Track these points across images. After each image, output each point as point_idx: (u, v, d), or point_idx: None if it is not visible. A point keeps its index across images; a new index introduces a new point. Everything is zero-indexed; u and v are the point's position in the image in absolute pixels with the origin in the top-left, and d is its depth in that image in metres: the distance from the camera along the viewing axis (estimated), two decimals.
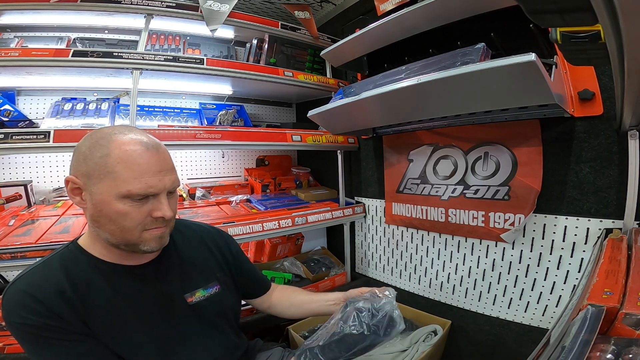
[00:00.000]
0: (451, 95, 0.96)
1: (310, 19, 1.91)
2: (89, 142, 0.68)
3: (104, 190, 0.65)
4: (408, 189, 1.61)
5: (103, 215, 0.67)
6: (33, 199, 1.55)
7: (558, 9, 0.33)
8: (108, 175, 0.65)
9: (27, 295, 0.62)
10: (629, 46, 0.37)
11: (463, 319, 1.45)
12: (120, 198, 0.65)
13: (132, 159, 0.66)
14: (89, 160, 0.66)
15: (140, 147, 0.67)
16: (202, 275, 0.85)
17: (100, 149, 0.66)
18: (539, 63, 0.73)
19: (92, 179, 0.66)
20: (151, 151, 0.68)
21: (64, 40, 1.67)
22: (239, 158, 2.27)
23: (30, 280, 0.66)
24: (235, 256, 0.96)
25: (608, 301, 0.51)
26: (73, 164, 0.69)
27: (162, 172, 0.69)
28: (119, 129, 0.70)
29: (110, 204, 0.65)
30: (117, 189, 0.65)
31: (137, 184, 0.65)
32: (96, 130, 0.71)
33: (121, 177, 0.65)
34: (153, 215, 0.69)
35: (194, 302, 0.80)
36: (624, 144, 0.97)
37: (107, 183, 0.65)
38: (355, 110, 1.26)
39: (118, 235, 0.68)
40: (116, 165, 0.65)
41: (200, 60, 1.45)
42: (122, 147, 0.66)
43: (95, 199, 0.66)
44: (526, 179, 1.21)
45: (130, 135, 0.68)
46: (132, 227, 0.68)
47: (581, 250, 1.10)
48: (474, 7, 1.09)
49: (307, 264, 1.89)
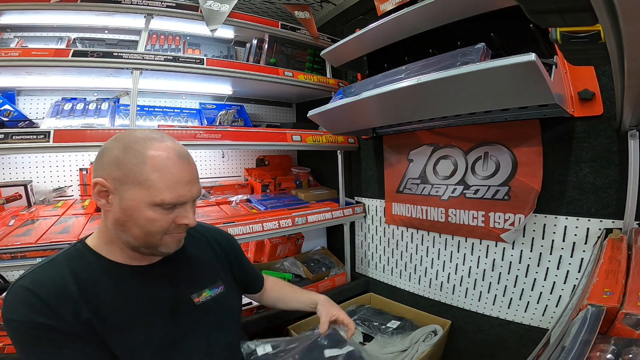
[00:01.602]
0: (451, 95, 0.96)
1: (310, 19, 1.91)
2: (122, 145, 0.67)
3: (137, 197, 0.66)
4: (408, 189, 1.61)
5: (131, 220, 0.68)
6: (33, 199, 1.55)
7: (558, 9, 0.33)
8: (143, 183, 0.66)
9: (30, 293, 0.63)
10: (629, 46, 0.37)
11: (463, 319, 1.45)
12: (152, 206, 0.67)
13: (166, 168, 0.67)
14: (123, 166, 0.66)
15: (174, 157, 0.69)
16: (207, 275, 0.86)
17: (135, 155, 0.66)
18: (539, 63, 0.73)
19: (124, 184, 0.66)
20: (183, 161, 0.70)
21: (64, 40, 1.67)
22: (239, 158, 2.27)
23: (35, 278, 0.66)
24: (238, 257, 0.99)
25: (608, 301, 0.51)
26: (103, 166, 0.68)
27: (191, 182, 0.71)
28: (151, 134, 0.71)
29: (141, 210, 0.67)
30: (151, 197, 0.66)
31: (169, 193, 0.67)
32: (127, 133, 0.71)
33: (156, 186, 0.66)
34: (178, 222, 0.71)
35: (201, 302, 0.81)
36: (624, 144, 0.97)
37: (141, 191, 0.66)
38: (355, 110, 1.26)
39: (141, 239, 0.70)
40: (152, 174, 0.66)
41: (200, 60, 1.45)
42: (158, 155, 0.67)
43: (125, 204, 0.67)
44: (526, 179, 1.21)
45: (164, 143, 0.69)
46: (157, 232, 0.70)
47: (581, 250, 1.10)
48: (474, 7, 1.09)
49: (307, 264, 1.89)
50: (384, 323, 1.50)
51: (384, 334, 1.42)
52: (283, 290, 1.13)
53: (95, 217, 1.36)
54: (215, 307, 0.84)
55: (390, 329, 1.45)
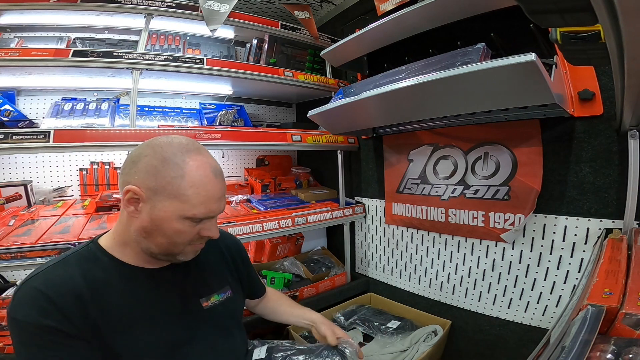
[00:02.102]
0: (451, 95, 0.96)
1: (310, 19, 1.91)
2: (160, 155, 0.67)
3: (170, 209, 0.67)
4: (408, 189, 1.61)
5: (158, 230, 0.69)
6: (33, 199, 1.55)
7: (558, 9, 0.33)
8: (179, 197, 0.67)
9: (42, 295, 0.62)
10: (629, 46, 0.37)
11: (463, 319, 1.45)
12: (182, 219, 0.68)
13: (202, 185, 0.68)
14: (161, 178, 0.66)
15: (210, 173, 0.70)
16: (216, 280, 0.87)
17: (174, 168, 0.67)
18: (539, 63, 0.73)
19: (159, 195, 0.67)
20: (218, 178, 0.72)
21: (64, 40, 1.67)
22: (239, 158, 2.27)
23: (47, 278, 0.66)
24: (245, 263, 1.00)
25: (608, 301, 0.51)
26: (137, 173, 0.68)
27: (221, 198, 0.73)
28: (187, 145, 0.71)
29: (171, 222, 0.68)
30: (183, 211, 0.68)
31: (202, 209, 0.69)
32: (163, 141, 0.70)
33: (190, 201, 0.67)
34: (202, 234, 0.73)
35: (209, 306, 0.82)
36: (624, 144, 0.97)
37: (175, 204, 0.67)
38: (355, 110, 1.26)
39: (164, 248, 0.71)
40: (188, 189, 0.67)
41: (200, 60, 1.45)
42: (196, 171, 0.68)
43: (156, 214, 0.68)
44: (526, 179, 1.21)
45: (201, 157, 0.70)
46: (180, 244, 0.71)
47: (581, 250, 1.10)
48: (474, 7, 1.09)
49: (307, 264, 1.89)
50: (384, 323, 1.50)
51: (384, 334, 1.42)
52: (279, 302, 1.13)
53: (95, 217, 1.36)
54: (223, 312, 0.85)
55: (391, 329, 1.45)
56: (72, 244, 1.05)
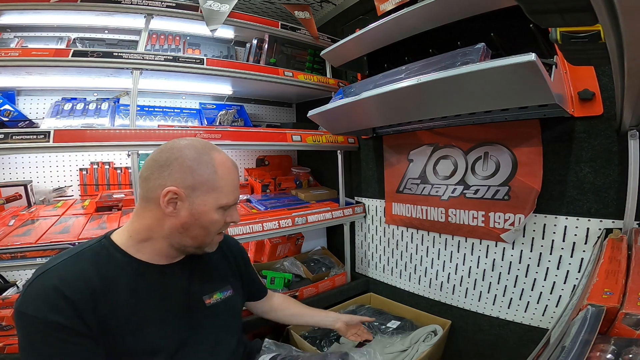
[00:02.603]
0: (451, 95, 0.96)
1: (310, 19, 1.91)
2: (192, 155, 0.74)
3: (209, 202, 0.75)
4: (408, 189, 1.61)
5: (197, 223, 0.75)
6: (33, 199, 1.55)
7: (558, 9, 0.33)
8: (215, 190, 0.75)
9: (56, 291, 0.62)
10: (629, 46, 0.37)
11: (463, 319, 1.45)
12: (217, 209, 0.77)
13: (229, 175, 0.79)
14: (197, 175, 0.74)
15: (231, 166, 0.81)
16: (219, 278, 0.90)
17: (208, 166, 0.75)
18: (539, 63, 0.73)
19: (197, 191, 0.74)
20: (236, 169, 0.82)
21: (64, 40, 1.67)
22: (239, 158, 2.27)
23: (61, 274, 0.66)
24: (246, 265, 1.04)
25: (608, 301, 0.51)
26: (175, 175, 0.73)
27: (239, 185, 0.83)
28: (207, 145, 0.80)
29: (209, 214, 0.76)
30: (219, 201, 0.76)
31: (231, 196, 0.79)
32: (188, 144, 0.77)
33: (224, 191, 0.77)
34: (227, 221, 0.81)
35: (212, 303, 0.84)
36: (624, 144, 0.96)
37: (213, 196, 0.75)
38: (355, 110, 1.26)
39: (200, 240, 0.78)
40: (221, 181, 0.76)
41: (200, 60, 1.45)
42: (223, 165, 0.78)
43: (195, 209, 0.74)
44: (526, 179, 1.21)
45: (221, 154, 0.80)
46: (213, 232, 0.79)
47: (581, 250, 1.10)
48: (474, 7, 1.09)
49: (307, 264, 1.89)
50: (384, 323, 1.50)
51: (384, 334, 1.42)
52: (297, 306, 1.20)
53: (95, 217, 1.36)
54: (224, 310, 0.87)
55: (390, 329, 1.45)
56: (72, 243, 1.05)
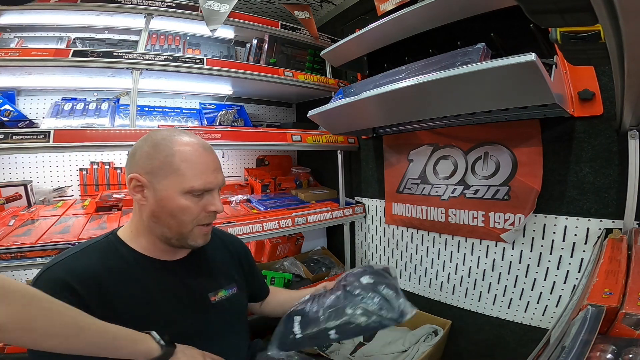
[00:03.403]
0: (451, 95, 0.96)
1: (310, 19, 1.91)
2: (151, 142, 0.74)
3: (169, 186, 0.72)
4: (408, 189, 1.61)
5: (165, 211, 0.73)
6: (33, 199, 1.54)
7: (558, 9, 0.33)
8: (174, 172, 0.72)
9: (65, 284, 0.63)
10: (629, 46, 0.37)
11: (463, 319, 1.45)
12: (183, 194, 0.72)
13: (194, 157, 0.73)
14: (154, 159, 0.72)
15: (199, 148, 0.75)
16: (224, 276, 0.89)
17: (164, 149, 0.72)
18: (539, 63, 0.73)
19: (157, 176, 0.72)
20: (207, 151, 0.77)
21: (64, 40, 1.67)
22: (239, 158, 2.27)
23: (67, 267, 0.67)
24: (250, 265, 1.03)
25: (608, 301, 0.51)
26: (136, 162, 0.73)
27: (216, 170, 0.77)
28: (176, 132, 0.77)
29: (174, 199, 0.72)
30: (181, 185, 0.72)
31: (198, 180, 0.73)
32: (153, 132, 0.77)
33: (185, 174, 0.72)
34: (207, 210, 0.76)
35: (217, 301, 0.84)
36: (624, 144, 0.97)
37: (172, 179, 0.72)
38: (355, 110, 1.26)
39: (175, 229, 0.74)
40: (181, 164, 0.72)
41: (200, 60, 1.45)
42: (185, 147, 0.73)
43: (159, 195, 0.72)
44: (526, 179, 1.20)
45: (188, 138, 0.76)
46: (188, 221, 0.74)
47: (581, 250, 1.10)
48: (474, 7, 1.09)
49: (307, 264, 1.89)
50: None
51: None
52: (281, 294, 1.12)
53: (95, 217, 1.35)
54: (229, 307, 0.86)
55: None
56: (71, 243, 1.05)
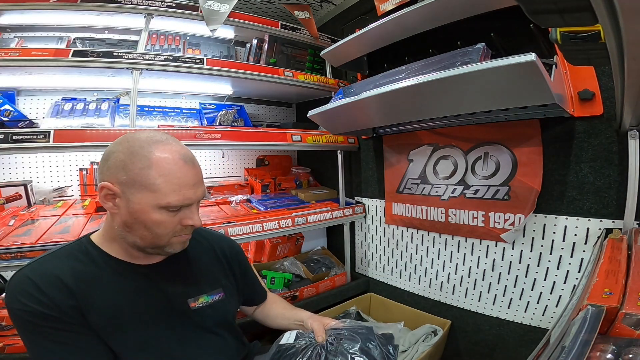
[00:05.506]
0: (451, 96, 0.96)
1: (310, 19, 1.91)
2: (127, 149, 0.68)
3: (143, 200, 0.67)
4: (408, 189, 1.61)
5: (138, 223, 0.69)
6: (33, 199, 1.54)
7: (558, 9, 0.33)
8: (149, 187, 0.67)
9: (29, 282, 0.63)
10: (629, 46, 0.37)
11: (463, 319, 1.45)
12: (158, 208, 0.68)
13: (172, 172, 0.68)
14: (129, 171, 0.67)
15: (180, 160, 0.70)
16: (207, 281, 0.86)
17: (141, 159, 0.67)
18: (539, 63, 0.73)
19: (131, 188, 0.67)
20: (189, 165, 0.71)
21: (64, 40, 1.67)
22: (239, 158, 2.27)
23: (35, 267, 0.67)
24: (242, 267, 0.98)
25: (608, 301, 0.51)
26: (109, 169, 0.68)
27: (196, 184, 0.72)
28: (155, 136, 0.71)
29: (148, 213, 0.68)
30: (157, 200, 0.67)
31: (175, 196, 0.68)
32: (130, 136, 0.71)
33: (162, 190, 0.67)
34: (184, 224, 0.73)
35: (197, 307, 0.81)
36: (624, 144, 0.97)
37: (147, 194, 0.67)
38: (355, 110, 1.26)
39: (148, 240, 0.71)
40: (157, 179, 0.67)
41: (200, 60, 1.45)
42: (163, 160, 0.68)
43: (132, 207, 0.68)
44: (526, 179, 1.20)
45: (169, 146, 0.70)
46: (164, 235, 0.71)
47: (581, 250, 1.10)
48: (474, 7, 1.09)
49: (307, 264, 1.89)
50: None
51: None
52: (273, 305, 1.07)
53: (95, 217, 1.35)
54: (212, 313, 0.83)
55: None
56: None
